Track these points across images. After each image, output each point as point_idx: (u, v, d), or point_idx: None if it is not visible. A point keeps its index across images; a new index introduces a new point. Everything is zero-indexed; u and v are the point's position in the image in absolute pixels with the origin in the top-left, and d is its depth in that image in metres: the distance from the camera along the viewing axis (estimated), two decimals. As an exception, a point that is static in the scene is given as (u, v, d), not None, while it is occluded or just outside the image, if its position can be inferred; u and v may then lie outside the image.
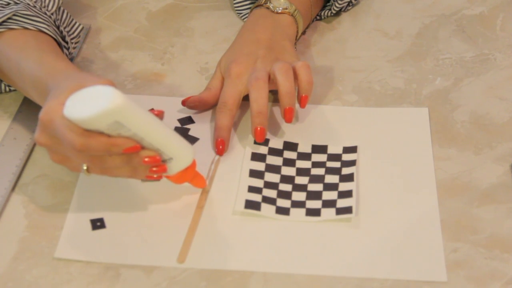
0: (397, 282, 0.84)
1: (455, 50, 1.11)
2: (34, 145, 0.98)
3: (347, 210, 0.89)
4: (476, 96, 1.05)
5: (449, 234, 0.88)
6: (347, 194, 0.91)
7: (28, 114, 1.01)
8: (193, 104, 1.01)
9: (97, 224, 0.90)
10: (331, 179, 0.93)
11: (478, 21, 1.16)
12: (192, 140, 0.98)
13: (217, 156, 0.96)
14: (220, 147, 0.96)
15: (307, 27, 1.13)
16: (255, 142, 0.97)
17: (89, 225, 0.90)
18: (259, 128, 0.96)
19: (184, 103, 1.01)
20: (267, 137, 0.97)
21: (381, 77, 1.07)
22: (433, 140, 0.98)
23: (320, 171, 0.94)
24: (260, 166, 0.95)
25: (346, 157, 0.96)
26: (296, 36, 1.08)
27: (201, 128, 1.00)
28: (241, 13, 1.16)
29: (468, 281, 0.84)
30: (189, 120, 1.01)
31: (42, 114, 0.84)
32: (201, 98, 1.01)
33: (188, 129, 1.00)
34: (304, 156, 0.96)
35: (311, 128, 1.00)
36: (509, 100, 1.04)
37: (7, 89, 1.03)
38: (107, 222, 0.90)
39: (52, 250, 0.87)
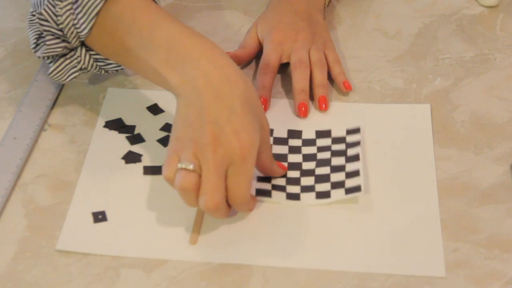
0: (397, 281, 0.84)
1: (455, 50, 1.11)
2: (34, 145, 0.98)
3: (356, 189, 0.91)
4: (476, 96, 1.05)
5: (449, 234, 0.88)
6: (355, 173, 0.92)
7: (28, 114, 1.01)
8: None
9: (99, 217, 0.90)
10: (338, 161, 0.94)
11: (478, 21, 1.16)
12: None
13: None
14: (263, 106, 0.99)
15: None
16: None
17: (91, 218, 0.90)
18: (302, 104, 1.00)
19: None
20: (271, 127, 0.97)
21: (381, 77, 1.07)
22: (433, 140, 0.98)
23: (326, 154, 0.95)
24: None
25: (350, 138, 0.97)
26: (324, 6, 1.13)
27: None
28: None
29: (468, 281, 0.84)
30: None
31: (244, 144, 0.82)
32: (237, 55, 1.07)
33: None
34: (309, 142, 0.97)
35: (313, 125, 1.00)
36: (509, 100, 1.04)
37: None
38: (108, 215, 0.90)
39: (52, 250, 0.87)
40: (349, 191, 0.91)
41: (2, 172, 0.94)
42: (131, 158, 0.97)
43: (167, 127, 1.00)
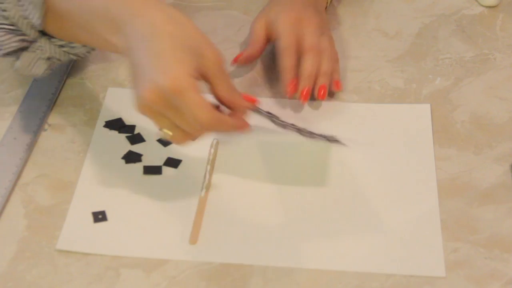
0: (397, 281, 0.84)
1: (455, 50, 1.11)
2: (34, 145, 0.98)
3: (339, 141, 0.95)
4: (476, 96, 1.05)
5: (449, 234, 0.88)
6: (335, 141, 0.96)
7: (28, 114, 1.01)
8: (244, 62, 1.07)
9: (99, 217, 0.90)
10: (320, 138, 0.96)
11: (478, 21, 1.16)
12: None
13: (215, 140, 0.97)
14: (291, 87, 1.01)
15: None
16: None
17: (91, 218, 0.90)
18: (308, 89, 1.00)
19: (235, 62, 1.07)
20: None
21: (381, 77, 1.07)
22: (433, 140, 0.98)
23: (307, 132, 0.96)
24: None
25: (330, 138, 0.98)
26: (326, 6, 1.14)
27: None
28: None
29: (468, 281, 0.84)
30: None
31: (169, 81, 0.81)
32: (250, 55, 1.07)
33: None
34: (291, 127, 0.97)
35: (311, 124, 1.00)
36: (509, 100, 1.04)
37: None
38: (108, 215, 0.90)
39: (52, 250, 0.87)
40: (331, 139, 0.95)
41: (2, 172, 0.94)
42: (131, 158, 0.97)
43: (167, 127, 1.00)
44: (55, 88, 1.05)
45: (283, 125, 0.93)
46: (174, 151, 0.97)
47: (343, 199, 0.92)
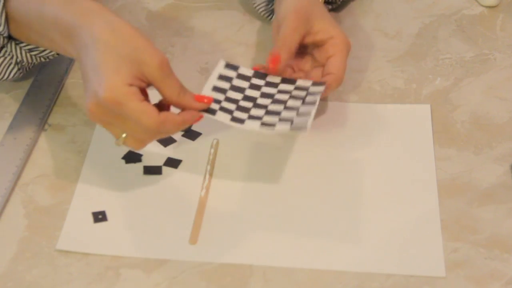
0: (397, 281, 0.84)
1: (455, 50, 1.11)
2: (34, 145, 0.98)
3: (302, 127, 0.88)
4: (476, 96, 1.05)
5: (449, 234, 0.88)
6: (306, 114, 0.90)
7: (28, 114, 1.01)
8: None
9: (99, 217, 0.90)
10: (294, 103, 0.93)
11: (478, 21, 1.16)
12: (195, 134, 0.99)
13: (215, 140, 0.97)
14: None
15: None
16: (225, 67, 0.97)
17: (91, 218, 0.90)
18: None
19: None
20: (240, 66, 0.97)
21: (381, 77, 1.07)
22: (433, 140, 0.98)
23: (284, 96, 0.94)
24: (225, 85, 0.95)
25: (313, 89, 0.95)
26: None
27: (204, 122, 1.00)
28: (254, 2, 1.14)
29: (468, 281, 0.84)
30: None
31: (105, 93, 0.82)
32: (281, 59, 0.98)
33: None
34: (271, 84, 0.96)
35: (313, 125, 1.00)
36: (509, 100, 1.04)
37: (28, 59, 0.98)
38: (108, 215, 0.90)
39: (52, 250, 0.87)
40: (295, 127, 0.88)
41: (2, 172, 0.94)
42: (131, 158, 0.97)
43: (167, 127, 1.00)
44: (55, 88, 1.05)
45: (241, 120, 0.91)
46: (174, 151, 0.97)
47: (343, 199, 0.92)
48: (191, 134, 0.99)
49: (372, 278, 0.85)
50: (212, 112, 0.90)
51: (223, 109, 0.91)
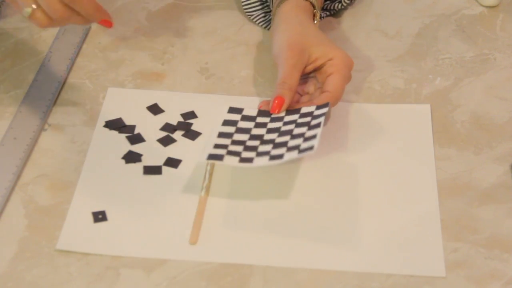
0: (397, 281, 0.84)
1: (455, 50, 1.11)
2: (34, 145, 0.98)
3: (309, 149, 0.88)
4: (476, 96, 1.05)
5: (449, 234, 0.88)
6: (312, 137, 0.90)
7: (28, 114, 1.01)
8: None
9: (99, 217, 0.90)
10: (300, 130, 0.93)
11: (478, 21, 1.16)
12: (195, 134, 0.99)
13: None
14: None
15: None
16: (229, 111, 0.97)
17: (91, 218, 0.90)
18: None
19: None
20: (242, 106, 0.98)
21: (381, 77, 1.07)
22: (433, 140, 0.98)
23: (290, 126, 0.94)
24: (230, 129, 0.95)
25: (318, 112, 0.95)
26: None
27: (204, 122, 1.00)
28: (252, 15, 1.15)
29: (468, 281, 0.84)
30: (192, 114, 1.01)
31: None
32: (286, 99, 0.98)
33: (191, 124, 1.00)
34: (276, 119, 0.96)
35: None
36: (509, 100, 1.04)
37: None
38: (108, 215, 0.90)
39: (52, 250, 0.87)
40: (302, 151, 0.88)
41: (2, 172, 0.94)
42: (131, 158, 0.97)
43: (167, 127, 1.00)
44: (55, 88, 1.05)
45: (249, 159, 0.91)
46: (174, 151, 0.97)
47: (343, 199, 0.92)
48: (191, 134, 0.99)
49: (372, 278, 0.85)
50: (219, 158, 0.90)
51: (230, 152, 0.91)
